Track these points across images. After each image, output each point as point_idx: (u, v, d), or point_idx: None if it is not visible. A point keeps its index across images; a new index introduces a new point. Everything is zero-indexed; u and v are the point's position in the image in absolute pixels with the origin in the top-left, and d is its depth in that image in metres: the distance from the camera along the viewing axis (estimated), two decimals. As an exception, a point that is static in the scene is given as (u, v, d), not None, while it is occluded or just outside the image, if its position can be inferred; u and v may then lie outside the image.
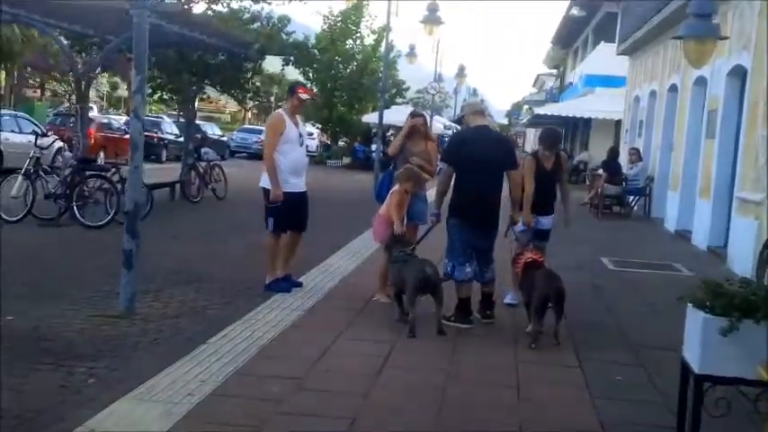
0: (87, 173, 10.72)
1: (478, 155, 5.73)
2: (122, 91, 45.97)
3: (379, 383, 4.43)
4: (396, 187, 6.29)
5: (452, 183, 5.89)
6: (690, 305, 3.50)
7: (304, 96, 6.60)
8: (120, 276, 5.75)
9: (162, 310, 5.90)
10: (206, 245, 9.08)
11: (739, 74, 10.01)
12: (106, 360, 4.65)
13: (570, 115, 25.53)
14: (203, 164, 14.49)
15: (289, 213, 6.48)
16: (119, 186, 10.56)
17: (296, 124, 6.57)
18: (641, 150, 15.71)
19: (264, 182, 6.51)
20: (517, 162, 6.07)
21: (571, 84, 33.46)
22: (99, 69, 11.79)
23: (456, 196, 5.86)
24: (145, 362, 4.64)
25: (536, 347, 5.21)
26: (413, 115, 7.06)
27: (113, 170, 11.11)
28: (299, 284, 6.86)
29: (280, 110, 6.86)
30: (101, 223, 9.92)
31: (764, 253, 7.61)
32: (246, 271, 7.48)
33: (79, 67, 11.50)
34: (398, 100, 32.06)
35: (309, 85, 28.24)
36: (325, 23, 29.58)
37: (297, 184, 6.57)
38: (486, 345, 5.33)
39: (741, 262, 8.70)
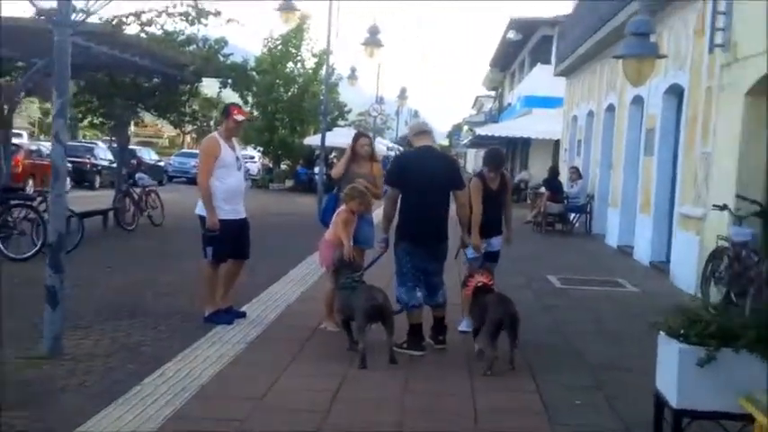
0: (11, 202, 10.08)
1: (424, 176, 5.56)
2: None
3: (329, 422, 4.14)
4: (342, 207, 6.06)
5: (398, 206, 5.69)
6: (662, 333, 3.31)
7: (239, 118, 6.28)
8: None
9: (92, 349, 5.47)
10: (141, 275, 8.61)
11: (676, 92, 10.20)
12: (29, 408, 4.22)
13: (510, 135, 25.85)
14: (138, 190, 13.92)
15: (228, 242, 6.16)
16: (46, 216, 10.00)
17: (232, 148, 6.27)
18: (581, 169, 15.93)
19: (200, 209, 6.17)
20: (464, 182, 5.91)
21: (510, 105, 34.02)
22: (23, 94, 11.17)
23: (402, 219, 5.66)
24: (72, 408, 4.24)
25: (491, 374, 5.02)
26: (357, 136, 6.86)
27: (40, 199, 10.50)
28: (243, 315, 6.52)
29: (214, 133, 6.49)
30: (26, 255, 9.32)
31: (708, 268, 7.68)
32: (185, 302, 7.10)
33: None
34: (340, 122, 31.91)
35: (248, 107, 27.84)
36: (265, 46, 29.31)
37: (236, 211, 6.26)
38: (440, 373, 5.11)
39: (684, 277, 8.78)
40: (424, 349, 5.54)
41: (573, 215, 15.42)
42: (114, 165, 19.26)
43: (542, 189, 15.41)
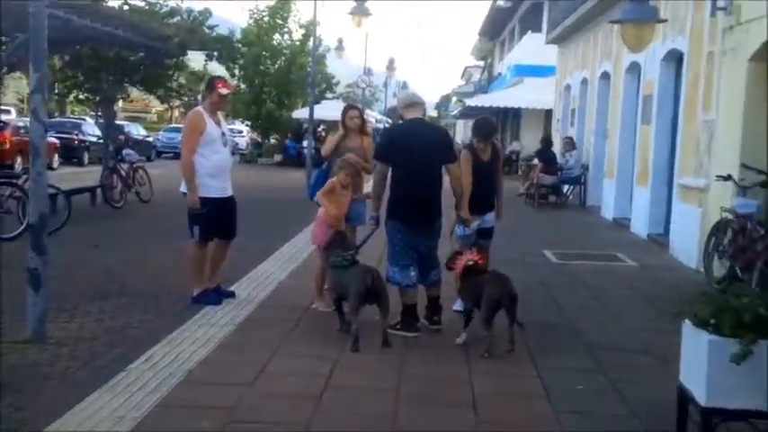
0: (-5, 180, 9.82)
1: (415, 150, 5.32)
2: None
3: (322, 409, 3.97)
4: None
5: (391, 182, 5.47)
6: (688, 323, 3.01)
7: (224, 91, 5.99)
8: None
9: (77, 333, 5.28)
10: (128, 254, 8.40)
11: (674, 58, 9.96)
12: (10, 396, 4.03)
13: (501, 106, 25.54)
14: (125, 166, 13.64)
15: (215, 220, 5.94)
16: (29, 194, 9.75)
17: (217, 123, 6.01)
18: (574, 139, 15.70)
19: (185, 187, 5.94)
20: (456, 156, 5.66)
21: (500, 74, 33.61)
22: (5, 69, 10.81)
23: (393, 196, 5.43)
24: (55, 396, 4.06)
25: (489, 356, 4.85)
26: (347, 108, 6.62)
27: (26, 177, 10.21)
28: (232, 294, 6.33)
29: (199, 107, 6.22)
30: (12, 235, 9.07)
31: (711, 241, 7.52)
32: (173, 282, 6.90)
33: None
34: (328, 95, 31.47)
35: (235, 80, 27.37)
36: (252, 18, 28.76)
37: (221, 188, 6.02)
38: (435, 356, 4.94)
39: (685, 250, 8.63)
40: (418, 330, 5.37)
41: (567, 187, 15.23)
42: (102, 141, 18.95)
43: (535, 160, 15.17)
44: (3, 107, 25.53)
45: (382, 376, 4.49)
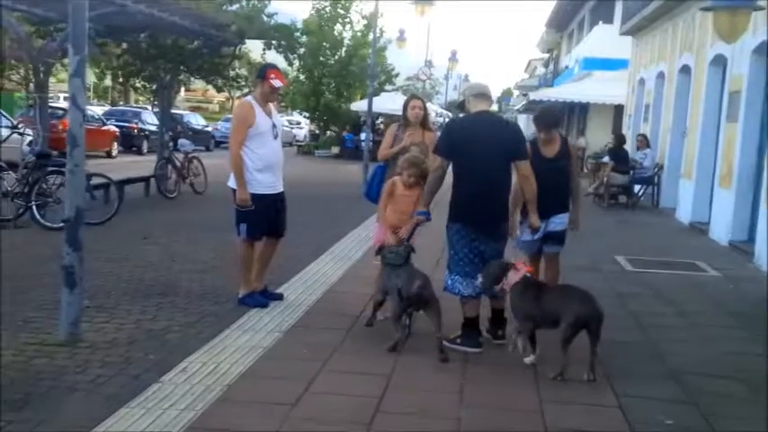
0: (48, 168, 9.68)
1: (482, 145, 4.75)
2: (109, 81, 44.50)
3: (372, 439, 3.50)
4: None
5: (453, 180, 4.92)
6: None
7: (277, 84, 5.52)
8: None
9: (113, 335, 4.95)
10: (177, 248, 8.11)
11: (765, 51, 9.07)
12: (31, 409, 3.70)
13: (567, 100, 24.57)
14: (180, 156, 13.48)
15: (263, 218, 5.53)
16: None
17: (268, 114, 5.56)
18: (648, 136, 14.78)
19: (233, 181, 5.54)
20: (527, 152, 5.06)
21: (567, 67, 32.48)
22: (59, 54, 10.70)
23: (456, 196, 4.87)
24: (80, 410, 3.71)
25: (562, 380, 4.29)
26: (409, 98, 6.11)
27: (78, 165, 10.08)
28: (279, 297, 5.92)
29: (249, 97, 5.77)
30: (62, 225, 8.92)
31: (806, 252, 6.74)
32: (219, 281, 6.56)
33: (35, 53, 10.46)
34: (387, 87, 30.96)
35: (294, 71, 27.13)
36: (314, 8, 28.49)
37: (272, 184, 5.60)
38: (500, 377, 4.40)
39: (773, 261, 7.82)
40: (480, 346, 4.83)
41: (638, 187, 14.33)
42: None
43: (606, 158, 14.31)
44: (64, 94, 26.04)
45: (440, 400, 3.98)
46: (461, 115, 5.39)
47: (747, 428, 3.81)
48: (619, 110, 21.28)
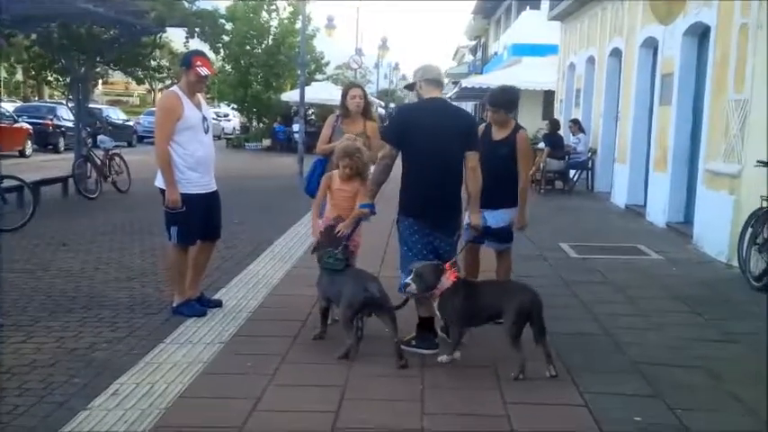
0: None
1: (434, 133, 4.45)
2: (20, 75, 42.21)
3: (331, 464, 3.18)
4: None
5: (403, 170, 4.62)
6: None
7: (204, 72, 5.05)
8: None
9: (31, 356, 4.45)
10: (101, 254, 7.54)
11: (698, 32, 9.14)
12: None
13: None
14: (100, 153, 12.72)
15: (196, 221, 5.11)
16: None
17: (197, 105, 5.11)
18: (581, 121, 14.89)
19: (160, 181, 5.08)
20: (479, 143, 4.79)
21: (495, 54, 32.72)
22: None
23: (407, 188, 4.57)
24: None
25: (524, 378, 4.08)
26: (348, 87, 5.79)
27: (-12, 168, 9.32)
28: (218, 304, 5.51)
29: (174, 88, 5.26)
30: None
31: (746, 232, 6.79)
32: (150, 289, 6.10)
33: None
34: (318, 76, 30.46)
35: (220, 61, 26.27)
36: (236, -6, 27.67)
37: (204, 183, 5.17)
38: (461, 380, 4.14)
39: (713, 242, 7.88)
40: (437, 347, 4.57)
41: (573, 172, 14.43)
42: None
43: (541, 144, 14.33)
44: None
45: (401, 410, 3.69)
46: (407, 102, 5.08)
47: (715, 420, 3.69)
48: (549, 96, 21.48)
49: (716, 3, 8.27)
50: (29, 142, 20.63)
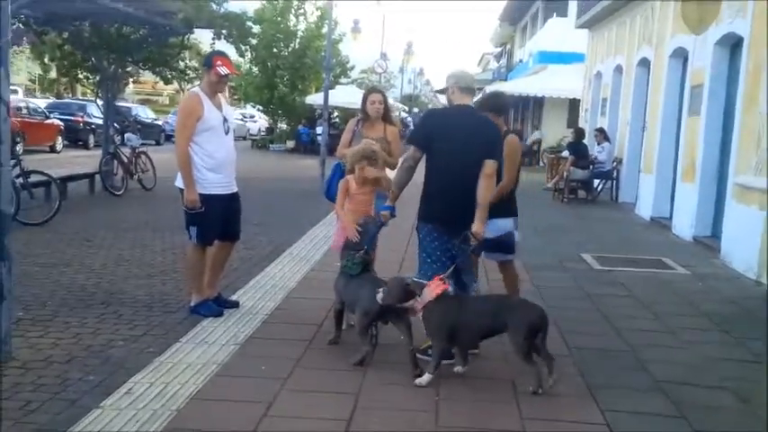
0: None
1: (461, 140, 4.37)
2: (54, 73, 42.94)
3: (341, 474, 3.12)
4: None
5: (426, 174, 4.55)
6: None
7: (223, 71, 5.02)
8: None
9: (48, 352, 4.45)
10: (123, 251, 7.58)
11: (730, 43, 8.97)
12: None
13: (523, 94, 24.52)
14: (127, 151, 12.84)
15: (215, 221, 5.09)
16: (18, 182, 8.94)
17: (218, 106, 5.09)
18: (606, 130, 14.70)
19: (180, 181, 5.07)
20: (501, 154, 4.69)
21: (521, 61, 32.51)
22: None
23: (429, 194, 4.50)
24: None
25: (543, 391, 3.99)
26: (368, 92, 5.73)
27: (14, 162, 9.40)
28: (235, 305, 5.49)
29: (196, 88, 5.26)
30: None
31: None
32: (169, 287, 6.11)
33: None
34: (343, 80, 30.51)
35: (247, 64, 26.42)
36: (265, -1, 27.83)
37: (224, 184, 5.15)
38: (477, 392, 4.06)
39: (741, 257, 7.70)
40: (453, 356, 4.49)
41: (597, 182, 14.26)
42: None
43: (565, 152, 14.17)
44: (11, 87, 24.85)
45: (414, 421, 3.62)
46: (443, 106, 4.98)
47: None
48: (574, 104, 21.29)
49: (750, 13, 8.10)
50: (59, 138, 20.93)
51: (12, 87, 20.64)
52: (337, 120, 28.19)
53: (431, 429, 3.54)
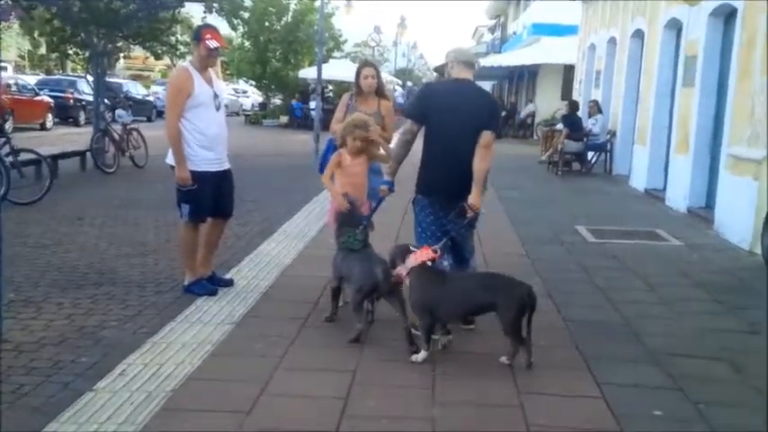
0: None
1: (459, 114, 4.34)
2: (44, 49, 42.43)
3: (339, 452, 3.12)
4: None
5: (423, 148, 4.50)
6: None
7: (212, 44, 4.91)
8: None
9: (40, 333, 4.42)
10: (116, 229, 7.53)
11: (724, 14, 8.88)
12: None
13: (517, 65, 24.36)
14: (118, 128, 12.70)
15: (207, 198, 5.04)
16: (8, 160, 8.84)
17: (209, 81, 5.00)
18: (600, 102, 14.63)
19: (171, 158, 5.01)
20: (498, 126, 4.66)
21: (515, 33, 32.27)
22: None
23: (426, 167, 4.48)
24: (-2, 431, 3.21)
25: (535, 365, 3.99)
26: (361, 65, 5.65)
27: (3, 140, 9.30)
28: (229, 283, 5.47)
29: (185, 63, 5.16)
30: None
31: (771, 218, 6.61)
32: (163, 266, 6.07)
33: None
34: (336, 54, 30.24)
35: (239, 38, 26.13)
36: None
37: (215, 161, 5.09)
38: (473, 367, 4.06)
39: (735, 228, 7.71)
40: (449, 332, 4.48)
41: (591, 154, 14.22)
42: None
43: (560, 125, 14.11)
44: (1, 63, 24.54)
45: (411, 399, 3.62)
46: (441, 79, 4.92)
47: (739, 415, 3.58)
48: (569, 73, 21.15)
49: (746, -18, 8.01)
50: (49, 115, 20.70)
51: (2, 64, 20.39)
52: (331, 94, 27.98)
53: (427, 405, 3.53)
